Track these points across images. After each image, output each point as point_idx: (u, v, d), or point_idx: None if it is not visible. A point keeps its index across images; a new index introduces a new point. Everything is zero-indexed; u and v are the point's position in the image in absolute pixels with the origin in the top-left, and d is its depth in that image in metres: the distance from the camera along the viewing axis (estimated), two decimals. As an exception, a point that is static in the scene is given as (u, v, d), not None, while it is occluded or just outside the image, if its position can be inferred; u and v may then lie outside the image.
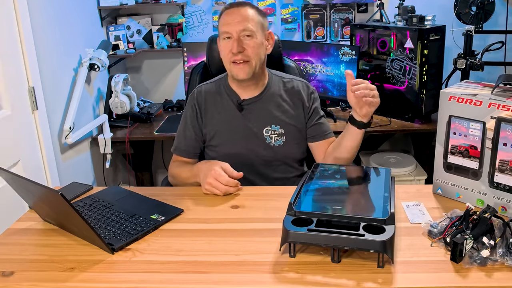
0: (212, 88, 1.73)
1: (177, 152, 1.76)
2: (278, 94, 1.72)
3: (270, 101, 1.70)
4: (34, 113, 2.21)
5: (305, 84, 1.76)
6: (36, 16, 2.24)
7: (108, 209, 1.36)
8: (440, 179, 1.38)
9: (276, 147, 1.70)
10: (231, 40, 1.58)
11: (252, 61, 1.60)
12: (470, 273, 1.03)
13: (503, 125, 1.19)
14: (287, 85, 1.74)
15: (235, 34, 1.57)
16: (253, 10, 1.62)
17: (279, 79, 1.75)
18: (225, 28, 1.59)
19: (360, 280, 1.02)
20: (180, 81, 3.38)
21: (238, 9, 1.60)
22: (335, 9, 3.20)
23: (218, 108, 1.71)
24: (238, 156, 1.67)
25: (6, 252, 1.20)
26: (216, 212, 1.36)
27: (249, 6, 1.62)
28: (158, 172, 3.52)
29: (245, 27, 1.57)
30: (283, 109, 1.71)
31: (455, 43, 2.79)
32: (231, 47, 1.57)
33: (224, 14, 1.62)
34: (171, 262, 1.12)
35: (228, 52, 1.59)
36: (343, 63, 2.81)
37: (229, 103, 1.70)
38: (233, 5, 1.63)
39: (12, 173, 1.23)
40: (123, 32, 3.17)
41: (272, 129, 1.69)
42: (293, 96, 1.73)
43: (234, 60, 1.59)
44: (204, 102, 1.71)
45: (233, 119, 1.70)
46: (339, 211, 1.16)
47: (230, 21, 1.58)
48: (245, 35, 1.58)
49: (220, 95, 1.72)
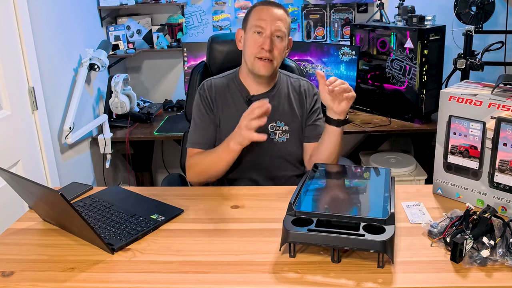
0: (222, 82, 1.75)
1: (197, 146, 1.70)
2: (285, 92, 1.74)
3: (278, 98, 1.73)
4: (34, 113, 2.21)
5: (311, 85, 1.80)
6: (36, 16, 2.24)
7: (108, 209, 1.36)
8: (440, 179, 1.39)
9: (280, 144, 1.71)
10: (262, 36, 1.61)
11: (275, 61, 1.64)
12: (470, 273, 1.03)
13: (503, 125, 1.19)
14: (294, 84, 1.77)
15: (268, 32, 1.60)
16: (287, 16, 1.67)
17: (287, 78, 1.78)
18: (259, 23, 1.61)
19: (360, 280, 1.02)
20: (180, 81, 3.38)
21: (275, 8, 1.63)
22: (335, 9, 3.20)
23: (227, 102, 1.72)
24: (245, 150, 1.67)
25: (6, 252, 1.20)
26: (216, 212, 1.36)
27: (283, 9, 1.67)
28: (158, 172, 3.52)
29: (279, 28, 1.61)
30: (289, 107, 1.73)
31: (455, 43, 2.79)
32: (263, 43, 1.60)
33: (260, 9, 1.64)
34: (171, 262, 1.12)
35: (257, 46, 1.61)
36: (343, 63, 2.81)
37: (238, 97, 1.72)
38: (270, 3, 1.65)
39: (12, 173, 1.23)
40: (123, 32, 3.17)
41: (277, 126, 1.71)
42: (299, 95, 1.76)
43: (261, 56, 1.61)
44: (214, 94, 1.73)
45: (241, 113, 1.70)
46: (339, 211, 1.16)
47: (266, 18, 1.60)
48: (276, 35, 1.61)
49: (229, 89, 1.73)
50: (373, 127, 2.71)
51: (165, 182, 1.88)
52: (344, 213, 1.14)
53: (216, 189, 1.57)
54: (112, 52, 3.03)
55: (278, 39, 1.62)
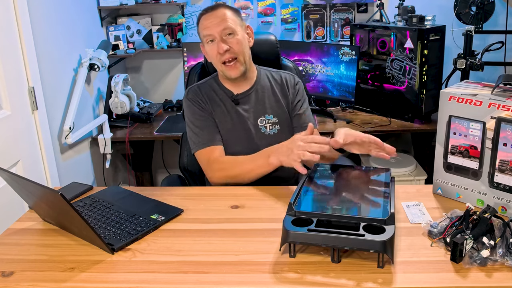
0: (205, 86, 1.78)
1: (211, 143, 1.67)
2: (268, 85, 1.78)
3: (262, 92, 1.76)
4: (34, 113, 2.21)
5: (292, 75, 1.83)
6: (36, 16, 2.24)
7: (108, 209, 1.36)
8: (440, 179, 1.39)
9: (271, 136, 1.73)
10: (215, 42, 1.64)
11: (240, 56, 1.65)
12: (470, 273, 1.03)
13: (503, 125, 1.19)
14: (275, 77, 1.81)
15: (217, 35, 1.62)
16: (228, 10, 1.66)
17: (267, 72, 1.82)
18: (206, 32, 1.64)
19: (360, 280, 1.02)
20: (180, 81, 3.38)
21: (214, 12, 1.65)
22: (335, 9, 3.20)
23: (216, 102, 1.74)
24: (238, 148, 1.69)
25: (6, 252, 1.20)
26: (216, 212, 1.36)
27: (223, 6, 1.67)
28: (158, 172, 3.52)
29: (225, 26, 1.62)
30: (274, 99, 1.77)
31: (455, 43, 2.79)
32: (217, 48, 1.62)
33: (202, 19, 1.66)
34: (171, 262, 1.12)
35: (215, 54, 1.64)
36: (343, 63, 2.81)
37: (224, 97, 1.75)
38: (208, 9, 1.67)
39: (12, 173, 1.23)
40: (123, 32, 3.17)
41: (266, 119, 1.74)
42: (281, 86, 1.79)
43: (223, 61, 1.64)
44: (202, 96, 1.74)
45: (230, 113, 1.74)
46: (339, 211, 1.16)
47: (209, 25, 1.63)
48: (226, 33, 1.63)
49: (215, 91, 1.76)
50: (373, 127, 2.71)
51: (165, 183, 1.88)
52: (344, 213, 1.14)
53: (216, 189, 1.56)
54: (112, 52, 3.03)
55: (230, 36, 1.63)
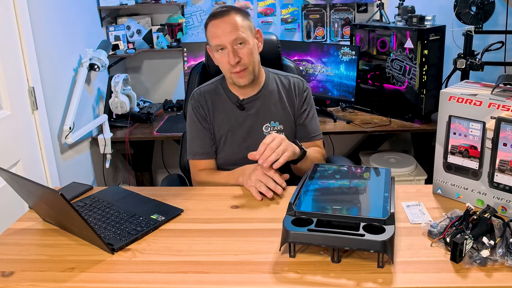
0: (211, 89, 1.75)
1: (198, 157, 1.72)
2: (275, 91, 1.74)
3: (269, 98, 1.72)
4: (34, 113, 2.21)
5: (301, 81, 1.78)
6: (36, 16, 2.24)
7: (108, 209, 1.36)
8: (440, 179, 1.38)
9: None
10: (225, 51, 1.58)
11: (249, 67, 1.61)
12: (470, 273, 1.03)
13: (503, 125, 1.19)
14: (284, 82, 1.76)
15: (228, 45, 1.56)
16: (238, 15, 1.58)
17: (276, 76, 1.77)
18: (216, 41, 1.58)
19: (360, 280, 1.02)
20: (180, 81, 3.38)
21: (224, 18, 1.57)
22: (335, 9, 3.20)
23: (218, 108, 1.72)
24: (241, 154, 1.67)
25: (6, 252, 1.20)
26: (216, 212, 1.36)
27: (232, 11, 1.59)
28: (158, 172, 3.52)
29: (237, 36, 1.56)
30: (281, 105, 1.73)
31: (455, 43, 2.79)
32: (228, 59, 1.57)
33: (211, 26, 1.59)
34: (171, 262, 1.12)
35: (226, 63, 1.60)
36: (343, 63, 2.81)
37: (229, 103, 1.72)
38: (217, 15, 1.58)
39: (12, 173, 1.23)
40: (123, 32, 3.17)
41: (272, 126, 1.71)
42: (288, 91, 1.75)
43: (234, 71, 1.60)
44: (206, 102, 1.72)
45: (235, 118, 1.71)
46: (339, 211, 1.16)
47: (220, 34, 1.56)
48: (237, 43, 1.57)
49: (219, 95, 1.73)
50: (373, 127, 2.71)
51: (165, 183, 1.88)
52: (344, 213, 1.14)
53: (216, 189, 1.56)
54: (112, 52, 3.03)
55: (241, 45, 1.57)
